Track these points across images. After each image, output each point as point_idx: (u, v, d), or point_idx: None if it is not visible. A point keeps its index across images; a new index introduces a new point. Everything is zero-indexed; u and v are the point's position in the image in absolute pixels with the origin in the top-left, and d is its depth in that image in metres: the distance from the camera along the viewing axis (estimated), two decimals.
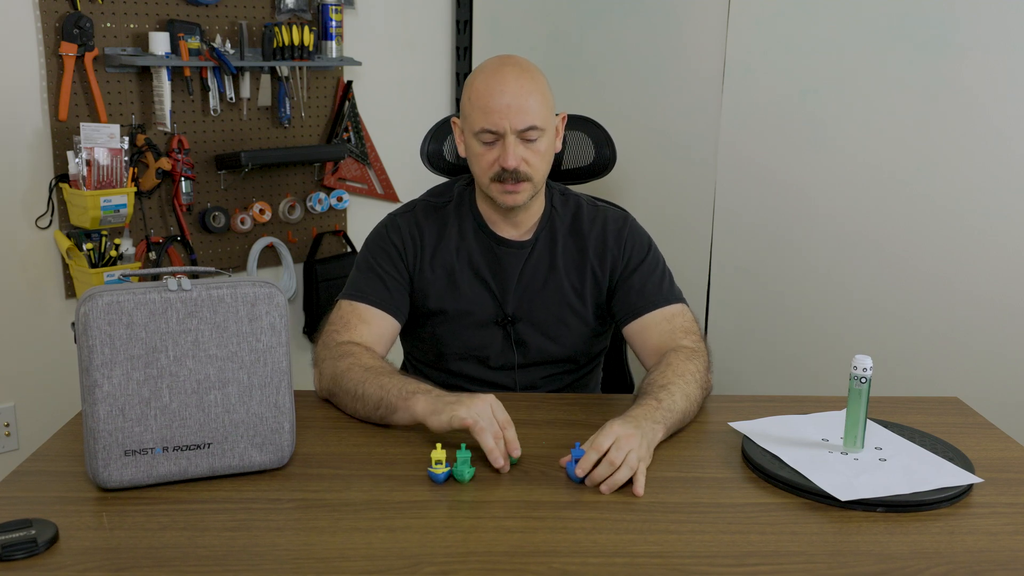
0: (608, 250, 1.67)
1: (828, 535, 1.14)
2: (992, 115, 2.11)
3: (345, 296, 1.64)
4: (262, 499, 1.21)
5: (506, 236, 1.66)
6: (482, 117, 1.53)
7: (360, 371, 1.46)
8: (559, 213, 1.69)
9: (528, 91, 1.53)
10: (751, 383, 2.52)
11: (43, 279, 2.34)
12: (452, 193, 1.71)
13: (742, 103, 2.44)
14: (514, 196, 1.57)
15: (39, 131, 2.26)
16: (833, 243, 2.36)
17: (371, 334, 1.58)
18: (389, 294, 1.63)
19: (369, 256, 1.66)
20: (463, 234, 1.67)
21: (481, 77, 1.56)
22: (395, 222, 1.68)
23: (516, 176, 1.54)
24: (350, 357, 1.50)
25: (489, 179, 1.56)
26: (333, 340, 1.56)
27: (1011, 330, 2.16)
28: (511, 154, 1.52)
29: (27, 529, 1.07)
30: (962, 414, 1.56)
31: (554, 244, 1.67)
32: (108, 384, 1.17)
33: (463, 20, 2.99)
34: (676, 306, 1.64)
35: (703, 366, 1.53)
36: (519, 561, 1.07)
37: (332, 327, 1.59)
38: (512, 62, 1.57)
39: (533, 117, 1.53)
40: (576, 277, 1.67)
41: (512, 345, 1.67)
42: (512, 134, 1.52)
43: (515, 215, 1.64)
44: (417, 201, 1.72)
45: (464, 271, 1.65)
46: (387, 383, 1.42)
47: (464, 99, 1.59)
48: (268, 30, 2.50)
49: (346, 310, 1.61)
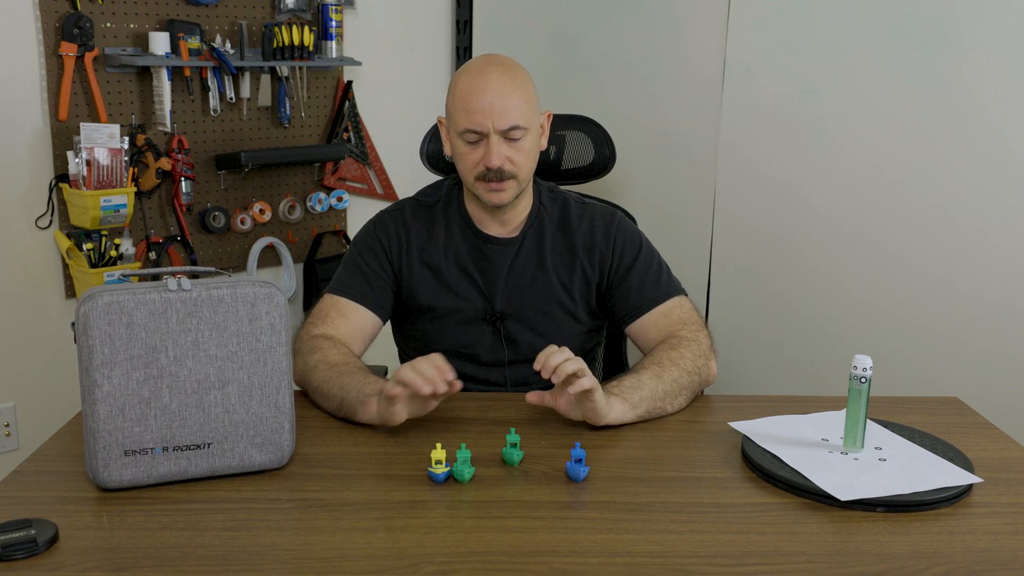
0: (597, 247, 1.68)
1: (828, 535, 1.14)
2: (992, 115, 2.11)
3: (329, 290, 1.67)
4: (262, 499, 1.21)
5: (493, 234, 1.67)
6: (465, 117, 1.54)
7: (325, 368, 1.48)
8: (547, 210, 1.70)
9: (511, 90, 1.54)
10: (751, 383, 2.52)
11: (43, 279, 2.34)
12: (440, 192, 1.73)
13: (742, 103, 2.44)
14: (499, 195, 1.58)
15: (39, 131, 2.26)
16: (833, 243, 2.36)
17: (347, 328, 1.61)
18: (371, 290, 1.65)
19: (355, 252, 1.69)
20: (450, 232, 1.68)
21: (464, 77, 1.58)
22: (383, 220, 1.70)
23: (500, 175, 1.56)
24: (318, 352, 1.52)
25: (474, 178, 1.58)
26: (308, 332, 1.59)
27: (1011, 330, 2.16)
28: (494, 153, 1.54)
29: (27, 529, 1.07)
30: (962, 414, 1.56)
31: (542, 241, 1.68)
32: (108, 384, 1.17)
33: (463, 20, 2.99)
34: (674, 299, 1.65)
35: (693, 352, 1.54)
36: (519, 561, 1.06)
37: (311, 319, 1.63)
38: (496, 61, 1.58)
39: (516, 116, 1.54)
40: (565, 273, 1.68)
41: (502, 342, 1.68)
42: (495, 134, 1.54)
43: (502, 213, 1.65)
44: (407, 200, 1.74)
45: (452, 269, 1.67)
46: (347, 383, 1.43)
47: (448, 99, 1.60)
48: (268, 30, 2.50)
49: (327, 303, 1.64)
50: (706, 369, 1.56)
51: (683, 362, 1.52)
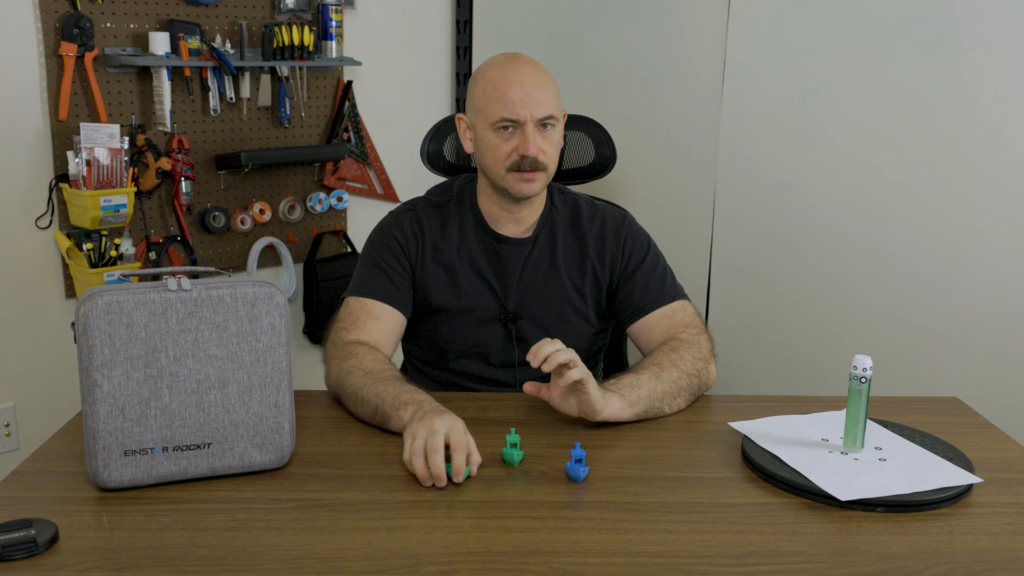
0: (607, 248, 1.69)
1: (828, 535, 1.14)
2: (992, 115, 2.11)
3: (352, 293, 1.65)
4: (262, 499, 1.21)
5: (507, 234, 1.67)
6: (501, 107, 1.55)
7: (360, 375, 1.47)
8: (559, 211, 1.71)
9: (543, 81, 1.58)
10: (751, 383, 2.52)
11: (43, 279, 2.34)
12: (452, 192, 1.72)
13: (742, 103, 2.44)
14: (530, 184, 1.59)
15: (39, 131, 2.26)
16: (833, 243, 2.36)
17: (380, 330, 1.60)
18: (395, 289, 1.64)
19: (373, 252, 1.68)
20: (464, 232, 1.68)
21: (494, 69, 1.59)
22: (397, 219, 1.70)
23: (535, 164, 1.57)
24: (353, 359, 1.50)
25: (506, 169, 1.58)
26: (341, 339, 1.57)
27: (1011, 330, 2.16)
28: (532, 141, 1.55)
29: (27, 529, 1.07)
30: (962, 414, 1.56)
31: (555, 241, 1.68)
32: (108, 384, 1.17)
33: (463, 20, 2.99)
34: (677, 303, 1.66)
35: (693, 355, 1.55)
36: (519, 561, 1.06)
37: (341, 324, 1.60)
38: (521, 56, 1.62)
39: (550, 107, 1.57)
40: (577, 274, 1.68)
41: (513, 342, 1.68)
42: (531, 122, 1.55)
43: (520, 210, 1.65)
44: (419, 199, 1.74)
45: (465, 268, 1.66)
46: (383, 391, 1.42)
47: (477, 92, 1.61)
48: (268, 30, 2.50)
49: (354, 307, 1.62)
50: (706, 373, 1.56)
51: (683, 364, 1.52)
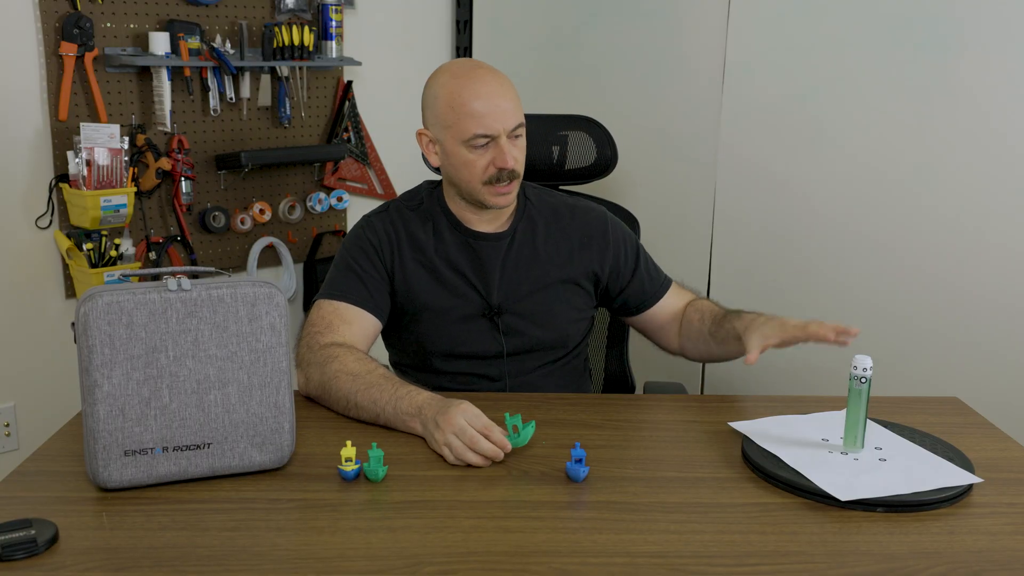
0: (594, 242, 1.71)
1: (828, 535, 1.14)
2: (992, 115, 2.11)
3: (324, 296, 1.63)
4: (262, 499, 1.21)
5: (482, 230, 1.68)
6: (474, 123, 1.54)
7: (348, 380, 1.45)
8: (533, 203, 1.72)
9: (506, 89, 1.57)
10: (751, 383, 2.52)
11: (43, 279, 2.34)
12: (421, 195, 1.72)
13: (742, 103, 2.44)
14: (507, 196, 1.60)
15: (39, 131, 2.26)
16: (833, 243, 2.36)
17: (352, 334, 1.58)
18: (369, 293, 1.63)
19: (347, 255, 1.66)
20: (439, 233, 1.68)
21: (454, 84, 1.56)
22: (371, 222, 1.69)
23: (511, 176, 1.57)
24: (335, 362, 1.48)
25: (482, 183, 1.58)
26: (316, 342, 1.55)
27: (1011, 330, 2.16)
28: (508, 154, 1.55)
29: (27, 529, 1.07)
30: (962, 414, 1.56)
31: (534, 232, 1.69)
32: (108, 384, 1.17)
33: (463, 20, 2.98)
34: (672, 285, 1.79)
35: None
36: (519, 561, 1.07)
37: (314, 328, 1.58)
38: (479, 64, 1.60)
39: (518, 114, 1.58)
40: (560, 263, 1.69)
41: (500, 335, 1.67)
42: (504, 135, 1.55)
43: (494, 211, 1.65)
44: (391, 202, 1.74)
45: (444, 268, 1.66)
46: (379, 398, 1.41)
47: (441, 107, 1.58)
48: (268, 30, 2.50)
49: (327, 310, 1.60)
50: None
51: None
